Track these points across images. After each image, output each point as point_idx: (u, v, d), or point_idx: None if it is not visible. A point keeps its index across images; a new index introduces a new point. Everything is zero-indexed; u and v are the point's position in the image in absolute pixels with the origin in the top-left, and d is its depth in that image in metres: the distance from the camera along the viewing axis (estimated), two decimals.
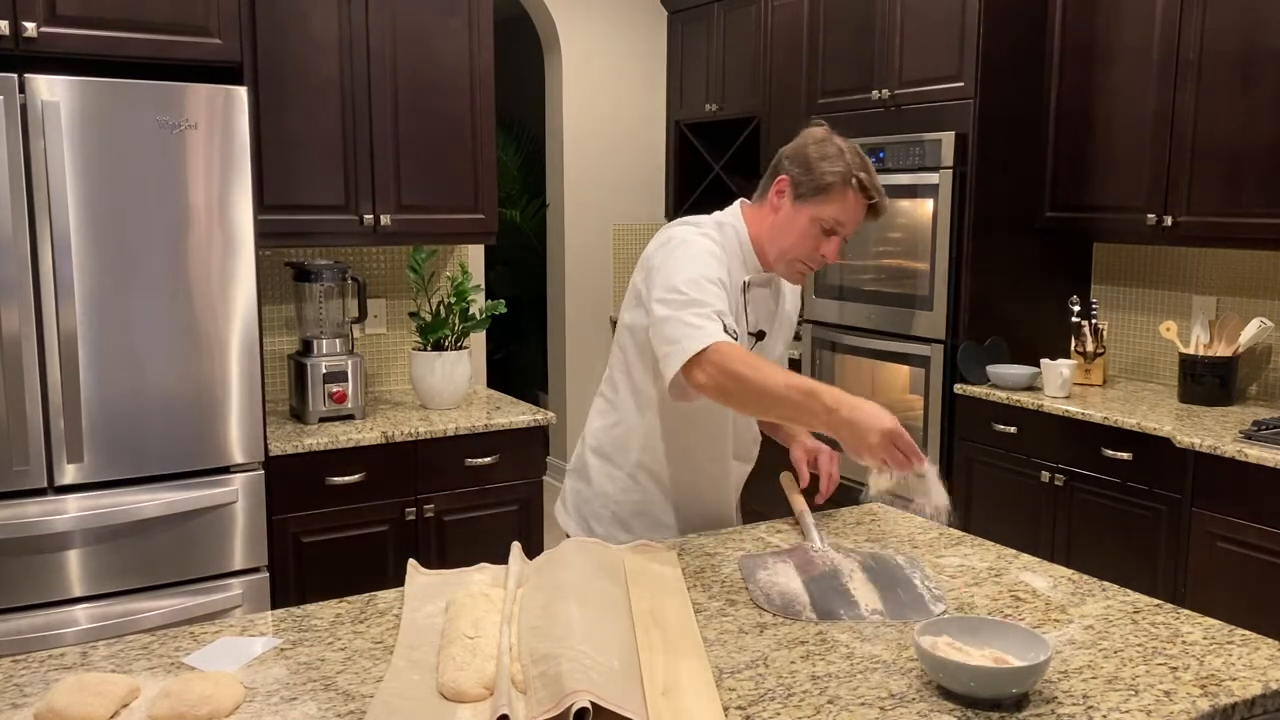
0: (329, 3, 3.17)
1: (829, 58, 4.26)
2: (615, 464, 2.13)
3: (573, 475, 2.23)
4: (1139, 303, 3.89)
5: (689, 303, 1.84)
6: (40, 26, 2.55)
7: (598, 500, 2.15)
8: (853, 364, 4.21)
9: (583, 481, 2.19)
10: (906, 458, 1.68)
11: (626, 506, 2.13)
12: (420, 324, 3.37)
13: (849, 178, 1.95)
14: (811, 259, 2.02)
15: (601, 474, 2.14)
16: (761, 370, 1.76)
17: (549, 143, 5.69)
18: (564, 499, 2.25)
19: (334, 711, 1.37)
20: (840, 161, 1.95)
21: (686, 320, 1.82)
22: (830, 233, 1.99)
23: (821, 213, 1.97)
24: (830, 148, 1.97)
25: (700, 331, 1.80)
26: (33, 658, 1.53)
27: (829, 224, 1.97)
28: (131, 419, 2.70)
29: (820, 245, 2.00)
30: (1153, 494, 3.14)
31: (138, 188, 2.65)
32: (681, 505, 2.15)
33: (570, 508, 2.21)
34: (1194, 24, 3.26)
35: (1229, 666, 1.49)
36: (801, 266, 2.04)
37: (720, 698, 1.38)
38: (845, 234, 2.00)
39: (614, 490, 2.13)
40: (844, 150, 1.97)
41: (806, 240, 2.00)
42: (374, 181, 3.29)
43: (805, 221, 1.98)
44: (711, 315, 1.83)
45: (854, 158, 1.97)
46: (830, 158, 1.96)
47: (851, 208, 1.97)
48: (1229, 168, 3.20)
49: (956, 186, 3.69)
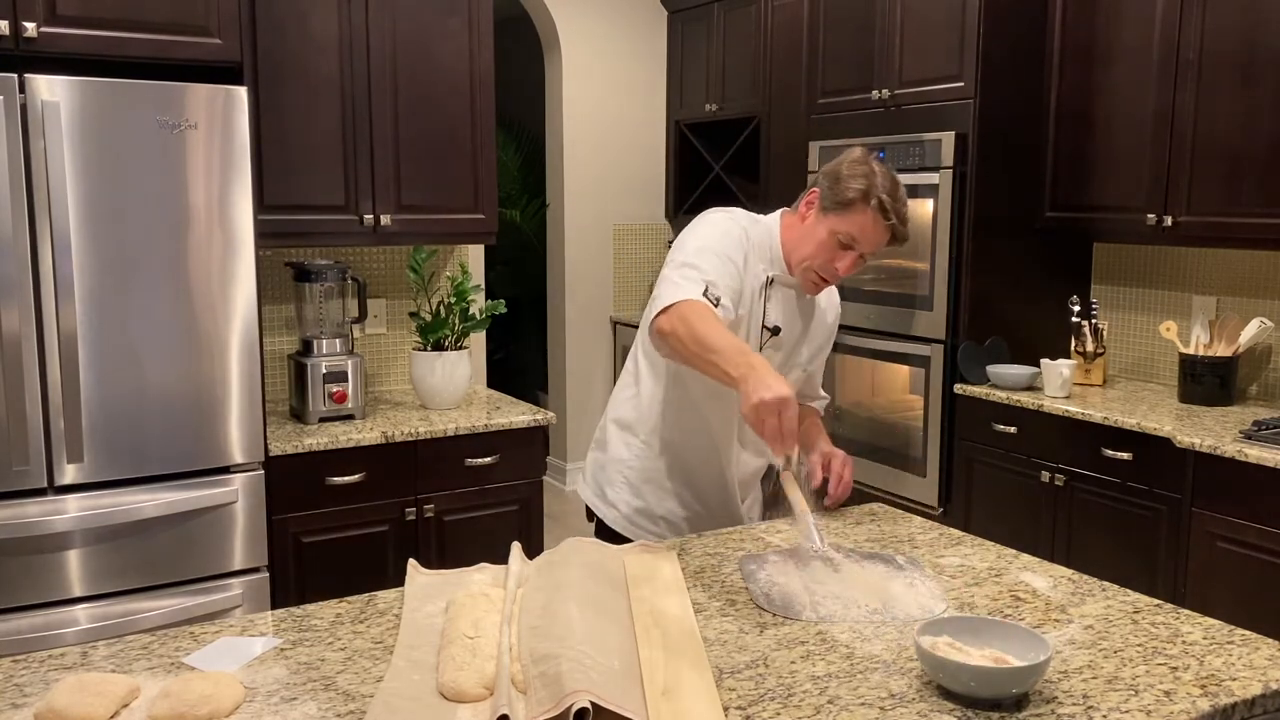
0: (329, 3, 3.17)
1: (829, 58, 4.26)
2: (632, 432, 2.22)
3: (593, 446, 2.34)
4: (1139, 303, 3.89)
5: (683, 265, 1.97)
6: (40, 26, 2.55)
7: (612, 466, 2.24)
8: (853, 364, 4.21)
9: (600, 450, 2.30)
10: (781, 436, 1.72)
11: (637, 472, 2.22)
12: (420, 324, 3.37)
13: (870, 196, 1.99)
14: (826, 270, 2.07)
15: (619, 441, 2.24)
16: (709, 324, 1.84)
17: (549, 143, 5.69)
18: (585, 471, 2.35)
19: (334, 711, 1.37)
20: (866, 180, 2.00)
21: (674, 280, 1.95)
22: (846, 247, 2.04)
23: (839, 226, 2.02)
24: (862, 167, 2.03)
25: (678, 289, 1.92)
26: (33, 658, 1.53)
27: (845, 238, 2.03)
28: (131, 419, 2.70)
29: (835, 258, 2.05)
30: (1153, 494, 3.14)
31: (138, 188, 2.65)
32: (687, 478, 2.22)
33: (589, 477, 2.32)
34: (1194, 24, 3.26)
35: (1229, 666, 1.49)
36: (815, 277, 2.10)
37: (720, 698, 1.38)
38: (862, 251, 2.05)
39: (628, 456, 2.22)
40: (875, 172, 2.02)
41: (823, 251, 2.05)
42: (374, 181, 3.29)
43: (825, 233, 2.04)
44: (696, 279, 1.93)
45: (883, 180, 2.01)
46: (857, 176, 2.01)
47: (869, 226, 2.01)
48: (1229, 168, 3.20)
49: (956, 186, 3.69)
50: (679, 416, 2.17)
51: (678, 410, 2.17)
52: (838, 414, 4.27)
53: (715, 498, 2.25)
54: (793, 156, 4.58)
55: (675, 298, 1.91)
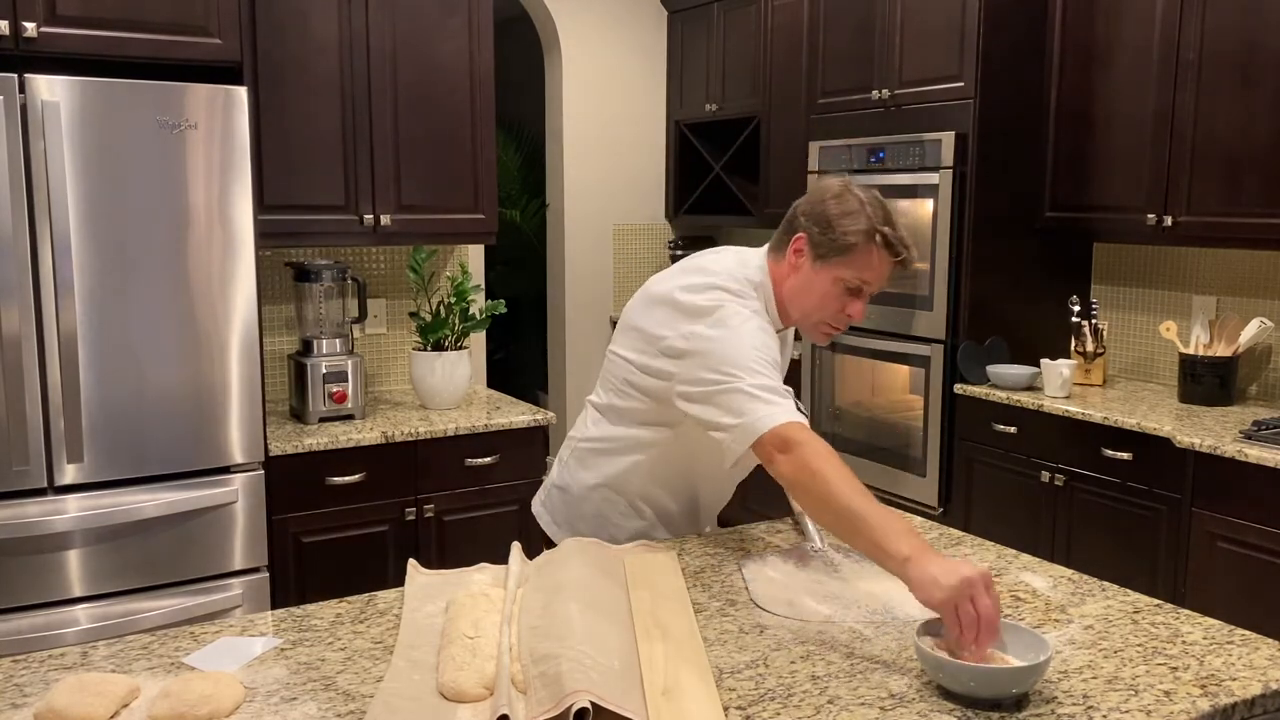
0: (329, 3, 3.17)
1: (829, 58, 4.26)
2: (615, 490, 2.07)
3: (556, 484, 2.17)
4: (1139, 303, 3.89)
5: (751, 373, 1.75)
6: (40, 26, 2.55)
7: (589, 516, 2.09)
8: (853, 364, 4.21)
9: (567, 493, 2.13)
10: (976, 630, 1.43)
11: (616, 524, 2.07)
12: (420, 324, 3.37)
13: (873, 234, 1.83)
14: (838, 320, 1.92)
15: (596, 498, 2.08)
16: (843, 477, 1.63)
17: (549, 143, 5.69)
18: (546, 503, 2.19)
19: (334, 711, 1.37)
20: (861, 218, 1.84)
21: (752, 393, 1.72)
22: (855, 292, 1.88)
23: (844, 273, 1.86)
24: (850, 202, 1.86)
25: (773, 407, 1.71)
26: (33, 658, 1.53)
27: (854, 284, 1.87)
28: (131, 419, 2.70)
29: (846, 306, 1.90)
30: (1153, 494, 3.14)
31: (138, 188, 2.65)
32: (664, 518, 2.10)
33: (558, 515, 2.15)
34: (1194, 24, 3.26)
35: (1229, 666, 1.49)
36: (827, 329, 1.94)
37: (720, 698, 1.38)
38: (873, 291, 1.90)
39: (610, 512, 2.08)
40: (865, 203, 1.86)
41: (830, 302, 1.90)
42: (374, 181, 3.29)
43: (828, 283, 1.88)
44: (781, 391, 1.75)
45: (875, 210, 1.86)
46: (851, 214, 1.84)
47: (876, 264, 1.86)
48: (1229, 168, 3.20)
49: (956, 186, 3.69)
50: (669, 475, 2.03)
51: (666, 468, 2.02)
52: (838, 414, 4.27)
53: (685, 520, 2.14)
54: (793, 156, 4.58)
55: (774, 422, 1.69)
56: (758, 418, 1.71)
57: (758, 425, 1.70)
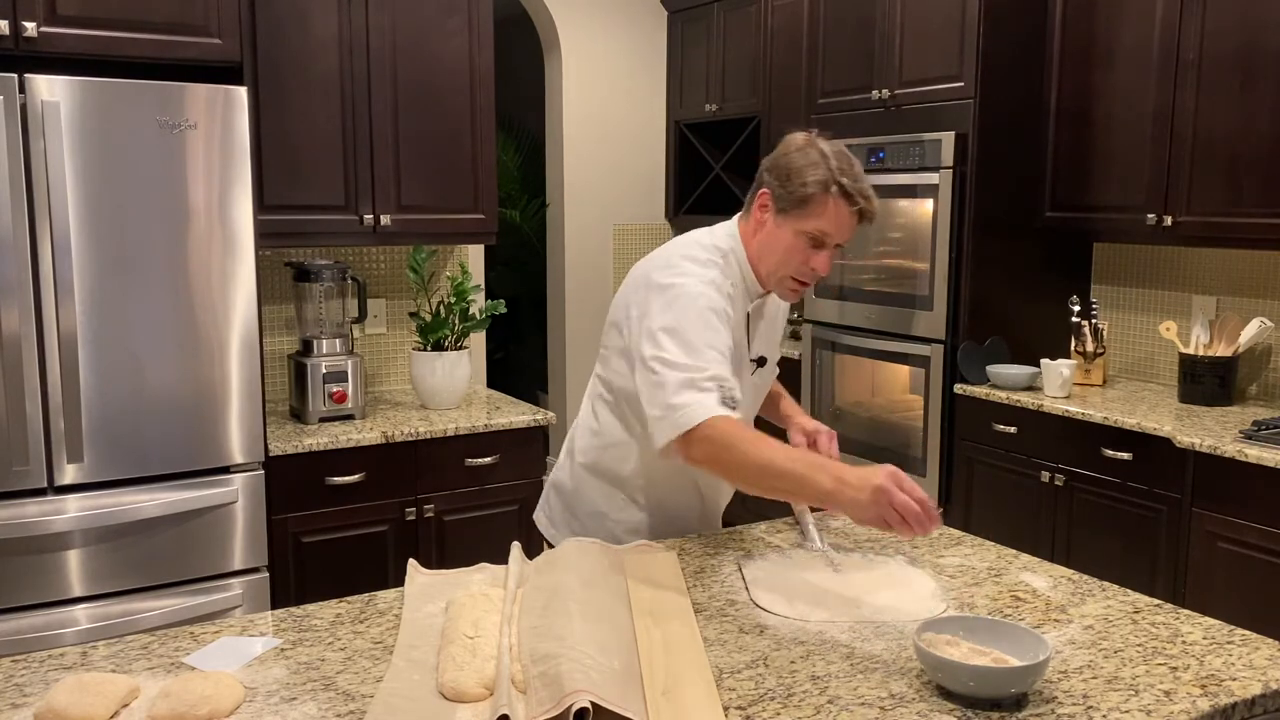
0: (329, 3, 3.17)
1: (829, 58, 4.26)
2: (616, 486, 2.08)
3: (553, 488, 2.19)
4: (1139, 303, 3.89)
5: (681, 368, 1.76)
6: (40, 26, 2.55)
7: (590, 519, 2.10)
8: (853, 364, 4.21)
9: (564, 494, 2.15)
10: (905, 521, 1.54)
11: (621, 525, 2.08)
12: (420, 324, 3.37)
13: (829, 185, 1.81)
14: (802, 274, 1.90)
15: (598, 494, 2.10)
16: (755, 448, 1.68)
17: (549, 143, 5.69)
18: (547, 509, 2.20)
19: (334, 711, 1.37)
20: (821, 169, 1.82)
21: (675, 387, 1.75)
22: (818, 244, 1.86)
23: (805, 225, 1.85)
24: (812, 154, 1.84)
25: (690, 410, 1.72)
26: (33, 658, 1.53)
27: (815, 236, 1.85)
28: (131, 419, 2.70)
29: (809, 259, 1.88)
30: (1153, 494, 3.14)
31: (138, 188, 2.65)
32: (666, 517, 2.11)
33: (557, 522, 2.16)
34: (1194, 24, 3.26)
35: (1229, 666, 1.49)
36: (793, 284, 1.93)
37: (720, 698, 1.38)
38: (836, 243, 1.88)
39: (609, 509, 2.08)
40: (826, 155, 1.84)
41: (794, 255, 1.88)
42: (374, 181, 3.29)
43: (790, 236, 1.87)
44: (707, 384, 1.74)
45: (837, 162, 1.83)
46: (811, 165, 1.83)
47: (836, 217, 1.84)
48: (1229, 168, 3.20)
49: (956, 186, 3.69)
50: (665, 465, 1.99)
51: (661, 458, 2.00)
52: (838, 414, 4.27)
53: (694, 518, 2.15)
54: None
55: (693, 420, 1.70)
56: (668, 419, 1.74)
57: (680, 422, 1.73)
